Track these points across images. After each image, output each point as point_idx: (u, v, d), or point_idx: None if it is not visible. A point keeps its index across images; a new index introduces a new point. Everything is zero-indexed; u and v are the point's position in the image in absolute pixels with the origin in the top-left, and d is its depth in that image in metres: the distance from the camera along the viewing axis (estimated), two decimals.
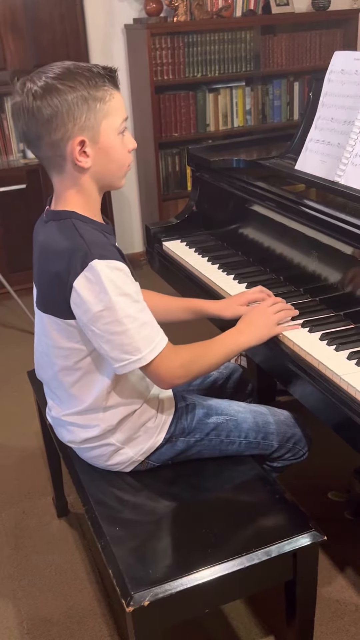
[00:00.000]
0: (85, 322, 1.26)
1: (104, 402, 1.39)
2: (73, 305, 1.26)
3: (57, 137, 1.23)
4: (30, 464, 2.37)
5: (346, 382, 1.31)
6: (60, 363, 1.38)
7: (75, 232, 1.26)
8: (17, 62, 3.60)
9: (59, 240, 1.27)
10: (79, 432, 1.45)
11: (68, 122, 1.22)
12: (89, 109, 1.23)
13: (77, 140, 1.24)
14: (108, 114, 1.26)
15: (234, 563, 1.24)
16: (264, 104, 4.03)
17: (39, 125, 1.22)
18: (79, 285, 1.22)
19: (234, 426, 1.51)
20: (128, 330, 1.24)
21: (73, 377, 1.39)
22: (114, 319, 1.23)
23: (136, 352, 1.26)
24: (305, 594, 1.38)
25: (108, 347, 1.26)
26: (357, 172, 1.65)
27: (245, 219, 1.97)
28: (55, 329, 1.34)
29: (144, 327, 1.26)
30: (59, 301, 1.28)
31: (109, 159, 1.29)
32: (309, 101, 1.91)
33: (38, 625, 1.74)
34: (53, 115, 1.21)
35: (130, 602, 1.18)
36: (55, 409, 1.50)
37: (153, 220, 3.79)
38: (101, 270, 1.21)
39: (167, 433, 1.47)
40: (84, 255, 1.22)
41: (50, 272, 1.28)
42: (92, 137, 1.25)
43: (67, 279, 1.24)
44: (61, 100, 1.20)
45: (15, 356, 3.14)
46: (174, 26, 3.61)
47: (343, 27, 4.04)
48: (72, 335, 1.32)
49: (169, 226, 2.26)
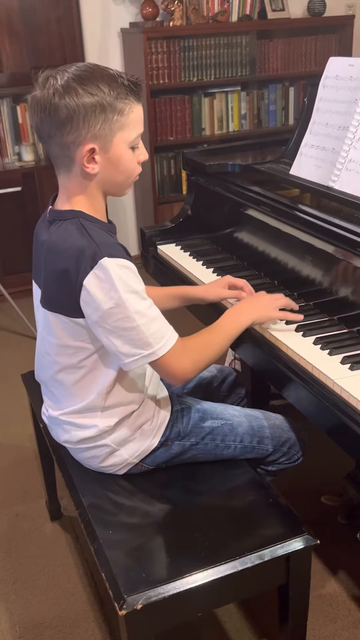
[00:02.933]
0: (95, 320, 1.26)
1: (102, 401, 1.39)
2: (82, 303, 1.26)
3: (69, 140, 1.23)
4: (24, 467, 2.36)
5: (339, 387, 1.32)
6: (63, 362, 1.38)
7: (83, 231, 1.27)
8: (13, 65, 3.60)
9: (67, 239, 1.28)
10: (75, 432, 1.44)
11: (82, 127, 1.22)
12: (105, 119, 1.22)
13: (87, 147, 1.24)
14: (124, 126, 1.25)
15: (227, 567, 1.24)
16: (259, 108, 4.04)
17: (53, 124, 1.22)
18: (89, 283, 1.23)
19: (229, 430, 1.52)
20: (139, 326, 1.25)
21: (75, 376, 1.39)
22: (125, 315, 1.24)
23: (147, 347, 1.27)
24: (298, 598, 1.38)
25: (119, 342, 1.27)
26: (351, 177, 1.65)
27: (240, 223, 1.98)
28: (61, 327, 1.34)
29: (153, 322, 1.27)
30: (67, 299, 1.28)
31: (116, 170, 1.30)
32: (304, 106, 1.92)
33: (30, 628, 1.74)
34: (69, 118, 1.21)
35: (123, 606, 1.17)
36: (52, 408, 1.49)
37: (148, 223, 3.79)
38: (111, 268, 1.22)
39: (162, 436, 1.47)
40: (93, 253, 1.23)
41: (58, 270, 1.27)
42: (103, 147, 1.25)
43: (76, 278, 1.24)
44: (79, 104, 1.20)
45: (9, 359, 3.13)
46: (170, 30, 3.62)
47: (338, 33, 4.06)
48: (79, 333, 1.32)
49: (164, 230, 2.26)
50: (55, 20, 3.63)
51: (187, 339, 1.37)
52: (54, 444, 1.63)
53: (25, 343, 3.27)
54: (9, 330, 3.44)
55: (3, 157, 3.69)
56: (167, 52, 3.64)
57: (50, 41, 3.65)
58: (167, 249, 2.16)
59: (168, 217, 3.21)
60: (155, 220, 3.84)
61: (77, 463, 1.53)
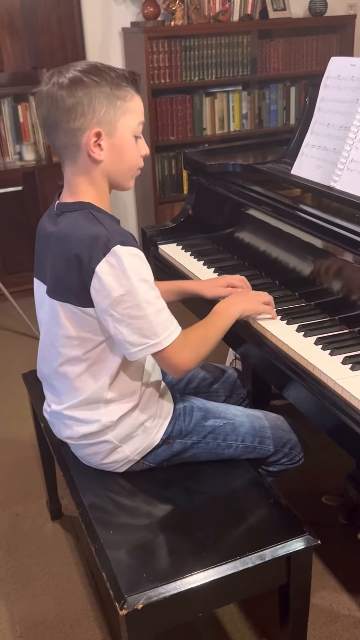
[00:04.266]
0: (104, 308, 1.28)
1: (104, 393, 1.40)
2: (93, 290, 1.27)
3: (75, 126, 1.28)
4: (24, 467, 2.36)
5: (340, 387, 1.32)
6: (68, 353, 1.39)
7: (94, 220, 1.30)
8: (14, 65, 3.60)
9: (78, 228, 1.31)
10: (77, 428, 1.45)
11: (88, 113, 1.27)
12: (109, 103, 1.29)
13: (93, 132, 1.29)
14: (127, 112, 1.31)
15: (228, 567, 1.25)
16: (260, 108, 4.04)
17: (60, 112, 1.27)
18: (101, 270, 1.25)
19: (231, 430, 1.52)
20: (147, 315, 1.28)
21: (79, 368, 1.40)
22: (135, 303, 1.26)
23: (154, 337, 1.30)
24: (299, 598, 1.38)
25: (127, 331, 1.28)
26: (352, 177, 1.65)
27: (241, 223, 1.98)
28: (68, 317, 1.35)
29: (160, 313, 1.30)
30: (77, 287, 1.30)
31: (121, 158, 1.34)
32: (306, 106, 1.92)
33: (31, 628, 1.74)
34: (74, 105, 1.26)
35: (124, 606, 1.17)
36: (55, 403, 1.50)
37: (149, 223, 3.79)
38: (123, 256, 1.25)
39: (164, 434, 1.48)
40: (106, 241, 1.25)
41: (69, 257, 1.29)
42: (109, 132, 1.30)
43: (88, 264, 1.26)
44: (85, 92, 1.26)
45: (9, 358, 3.13)
46: (171, 30, 3.62)
47: (339, 33, 4.05)
48: (87, 323, 1.34)
49: (165, 229, 2.26)
50: (57, 19, 3.63)
51: (187, 331, 1.40)
52: (54, 443, 1.63)
53: (26, 342, 3.27)
54: (10, 329, 3.44)
55: (4, 157, 3.69)
56: (168, 52, 3.64)
57: (52, 41, 3.65)
58: (168, 249, 2.16)
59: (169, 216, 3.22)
60: (156, 220, 3.84)
61: (78, 462, 1.53)
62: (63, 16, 3.63)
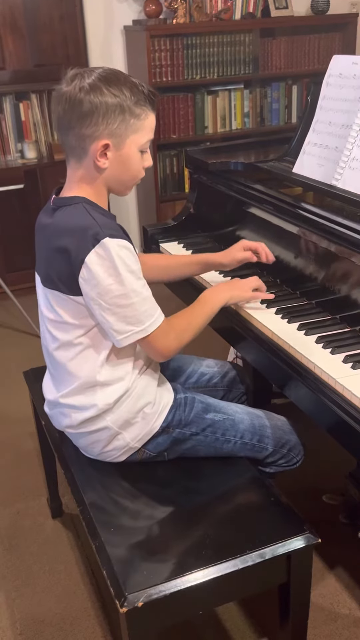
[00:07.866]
0: (92, 297, 1.32)
1: (97, 375, 1.42)
2: (81, 280, 1.31)
3: (87, 133, 1.32)
4: (25, 465, 2.36)
5: (341, 385, 1.32)
6: (61, 338, 1.43)
7: (87, 213, 1.34)
8: (17, 63, 3.60)
9: (71, 220, 1.35)
10: (75, 415, 1.46)
11: (101, 123, 1.31)
12: (123, 119, 1.32)
13: (102, 142, 1.33)
14: (138, 130, 1.36)
15: (228, 565, 1.25)
16: (262, 106, 4.04)
17: (75, 116, 1.31)
18: (90, 260, 1.29)
19: (230, 425, 1.53)
20: (133, 304, 1.32)
21: (71, 353, 1.43)
22: (122, 292, 1.31)
23: (139, 324, 1.35)
24: (299, 597, 1.38)
25: (113, 319, 1.33)
26: (354, 176, 1.65)
27: (243, 222, 1.98)
28: (59, 304, 1.39)
29: (145, 301, 1.35)
30: (66, 276, 1.34)
31: (124, 169, 1.39)
32: (307, 104, 1.92)
33: (31, 626, 1.74)
34: (90, 112, 1.30)
35: (124, 603, 1.18)
36: (51, 392, 1.53)
37: (150, 221, 3.78)
38: (112, 248, 1.29)
39: (164, 421, 1.49)
40: (95, 233, 1.29)
41: (60, 247, 1.33)
42: (117, 144, 1.35)
43: (77, 255, 1.30)
44: (102, 102, 1.30)
45: (11, 356, 3.14)
46: (173, 28, 3.61)
47: (342, 31, 4.05)
48: (77, 310, 1.37)
49: (167, 228, 2.26)
50: (59, 18, 3.62)
51: (171, 318, 1.45)
52: (55, 441, 1.63)
53: (27, 340, 3.27)
54: (11, 327, 3.44)
55: (6, 155, 3.69)
56: (170, 50, 3.64)
57: (54, 39, 3.65)
58: (169, 247, 2.16)
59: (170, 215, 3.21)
60: (158, 218, 3.84)
61: (79, 461, 1.54)
62: (65, 14, 3.63)
